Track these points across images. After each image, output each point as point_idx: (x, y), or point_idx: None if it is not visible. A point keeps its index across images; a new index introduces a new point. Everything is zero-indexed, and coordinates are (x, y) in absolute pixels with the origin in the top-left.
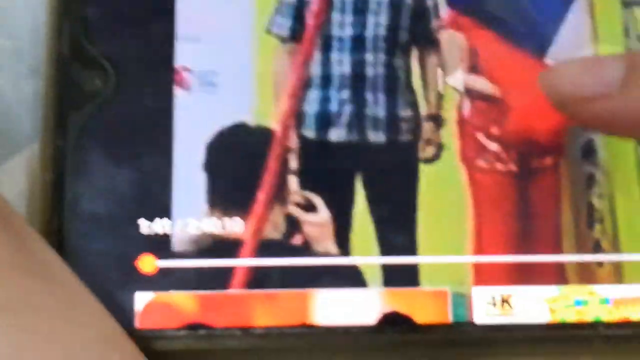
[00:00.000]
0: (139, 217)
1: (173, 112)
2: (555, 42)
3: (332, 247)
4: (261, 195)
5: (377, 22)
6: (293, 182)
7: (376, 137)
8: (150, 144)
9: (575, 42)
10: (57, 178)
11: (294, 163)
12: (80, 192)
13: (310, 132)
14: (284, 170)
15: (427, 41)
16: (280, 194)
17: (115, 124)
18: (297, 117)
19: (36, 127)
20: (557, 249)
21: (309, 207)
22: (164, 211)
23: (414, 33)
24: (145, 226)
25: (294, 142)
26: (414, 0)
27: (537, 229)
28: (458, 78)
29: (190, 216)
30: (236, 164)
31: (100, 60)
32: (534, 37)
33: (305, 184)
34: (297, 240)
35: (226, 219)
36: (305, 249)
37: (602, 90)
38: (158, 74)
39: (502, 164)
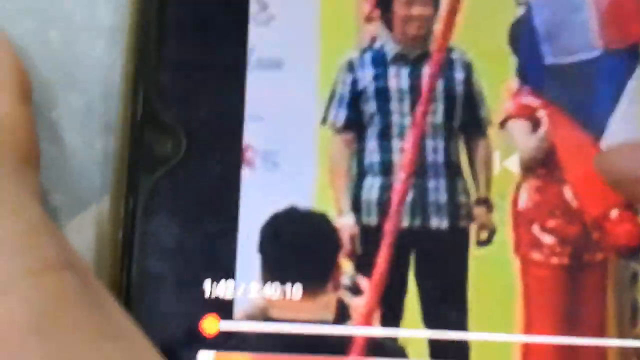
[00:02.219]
0: (205, 279)
1: (240, 182)
2: (610, 126)
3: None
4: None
5: (435, 110)
6: (347, 266)
7: (437, 223)
8: (217, 207)
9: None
10: (127, 236)
11: (348, 247)
12: (148, 251)
13: (369, 219)
14: (338, 254)
15: (476, 128)
16: (333, 277)
17: (185, 188)
18: (354, 203)
19: (105, 185)
20: (602, 330)
21: (357, 291)
22: (228, 273)
23: (464, 120)
24: (210, 288)
25: (352, 228)
26: (466, 86)
27: (583, 313)
28: (514, 161)
29: (252, 280)
30: (289, 248)
31: (172, 125)
32: (591, 121)
33: (357, 269)
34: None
35: (287, 285)
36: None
37: None
38: (225, 144)
39: (556, 258)
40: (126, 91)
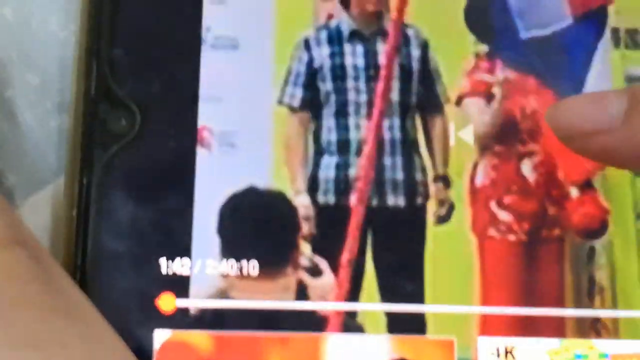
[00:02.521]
0: (160, 257)
1: (196, 160)
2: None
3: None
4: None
5: (391, 87)
6: (305, 246)
7: (395, 200)
8: (172, 185)
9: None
10: (81, 214)
11: (306, 228)
12: (104, 229)
13: (327, 198)
14: (296, 234)
15: (432, 105)
16: (292, 258)
17: (139, 165)
18: (312, 182)
19: (61, 163)
20: (560, 304)
21: (316, 272)
22: (185, 251)
23: (420, 97)
24: (166, 265)
25: (308, 207)
26: (421, 64)
27: (541, 288)
28: (469, 132)
29: (209, 257)
30: (247, 228)
31: (126, 101)
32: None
33: (316, 249)
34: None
35: (243, 262)
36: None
37: (605, 123)
38: (181, 121)
39: (513, 235)
40: (80, 67)
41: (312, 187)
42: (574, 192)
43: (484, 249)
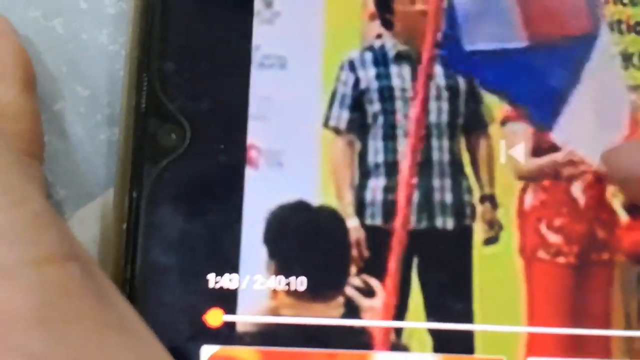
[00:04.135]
0: (209, 271)
1: (244, 174)
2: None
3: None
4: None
5: (440, 108)
6: (355, 266)
7: (443, 222)
8: (221, 200)
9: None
10: (131, 228)
11: (355, 247)
12: (153, 243)
13: (374, 219)
14: (347, 253)
15: (478, 125)
16: (342, 276)
17: (189, 179)
18: (359, 204)
19: (110, 176)
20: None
21: (369, 292)
22: (233, 266)
23: (466, 117)
24: (214, 281)
25: (357, 227)
26: (467, 83)
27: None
28: (520, 150)
29: (257, 272)
30: (296, 242)
31: (177, 115)
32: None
33: (365, 269)
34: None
35: (292, 278)
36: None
37: None
38: (230, 135)
39: (563, 257)
40: (130, 81)
41: (360, 208)
42: (623, 215)
43: (531, 271)
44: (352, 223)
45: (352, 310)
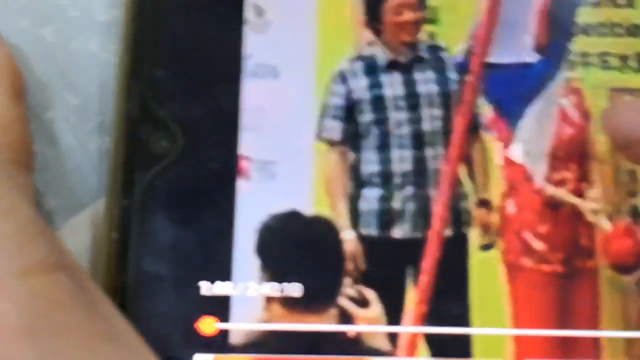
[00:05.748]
0: (201, 279)
1: (236, 180)
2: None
3: (383, 343)
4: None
5: (432, 115)
6: (350, 276)
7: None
8: (213, 207)
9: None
10: (122, 237)
11: (350, 258)
12: (144, 251)
13: (369, 230)
14: (341, 263)
15: (472, 130)
16: (336, 286)
17: (180, 187)
18: (354, 214)
19: (101, 185)
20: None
21: (363, 302)
22: (226, 274)
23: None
24: (207, 288)
25: (351, 238)
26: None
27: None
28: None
29: (250, 280)
30: (289, 251)
31: (168, 122)
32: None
33: (360, 279)
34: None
35: (285, 284)
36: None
37: None
38: (222, 144)
39: (547, 265)
40: (121, 89)
41: (354, 218)
42: (611, 226)
43: (514, 279)
44: (347, 233)
45: (346, 320)
